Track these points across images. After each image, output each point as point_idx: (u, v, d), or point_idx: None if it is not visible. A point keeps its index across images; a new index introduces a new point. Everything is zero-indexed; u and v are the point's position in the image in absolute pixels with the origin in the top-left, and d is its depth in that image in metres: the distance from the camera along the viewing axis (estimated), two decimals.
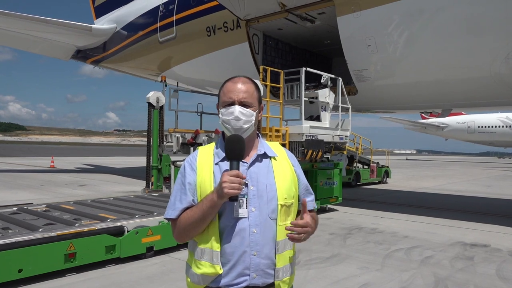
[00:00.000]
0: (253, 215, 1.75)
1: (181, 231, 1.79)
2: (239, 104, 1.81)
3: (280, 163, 1.89)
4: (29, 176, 18.09)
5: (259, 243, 1.74)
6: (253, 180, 1.79)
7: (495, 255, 6.20)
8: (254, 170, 1.82)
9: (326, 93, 9.95)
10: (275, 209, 1.78)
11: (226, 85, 1.87)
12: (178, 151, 9.98)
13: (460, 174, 28.48)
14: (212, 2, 12.18)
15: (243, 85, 1.84)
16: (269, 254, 1.76)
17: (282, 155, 1.93)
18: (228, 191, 1.63)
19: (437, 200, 13.42)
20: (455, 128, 49.17)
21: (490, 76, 8.94)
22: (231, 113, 1.80)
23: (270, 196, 1.78)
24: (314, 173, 9.55)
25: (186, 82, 15.28)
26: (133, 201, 7.78)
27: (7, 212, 6.39)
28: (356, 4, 9.30)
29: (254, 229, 1.74)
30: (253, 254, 1.73)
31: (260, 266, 1.74)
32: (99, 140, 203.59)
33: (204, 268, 1.74)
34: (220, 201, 1.67)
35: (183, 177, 1.84)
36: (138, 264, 5.33)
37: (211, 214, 1.71)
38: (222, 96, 1.85)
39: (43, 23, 16.68)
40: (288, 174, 1.88)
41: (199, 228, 1.74)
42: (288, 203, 1.83)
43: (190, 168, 1.84)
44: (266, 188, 1.79)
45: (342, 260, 5.69)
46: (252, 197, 1.76)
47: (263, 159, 1.87)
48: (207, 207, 1.69)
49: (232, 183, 1.63)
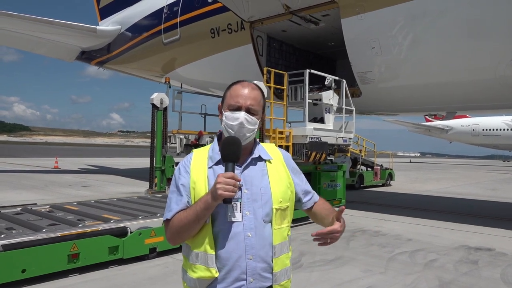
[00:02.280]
0: (247, 219, 1.73)
1: (174, 233, 1.77)
2: (246, 110, 1.79)
3: (275, 166, 1.87)
4: (33, 176, 18.15)
5: (255, 247, 1.72)
6: (247, 184, 1.77)
7: (500, 259, 6.16)
8: (248, 173, 1.80)
9: (330, 95, 9.94)
10: (269, 212, 1.77)
11: (234, 87, 1.84)
12: (182, 152, 9.98)
13: (464, 177, 28.34)
14: (216, 4, 12.20)
15: (252, 91, 1.82)
16: (265, 258, 1.74)
17: (277, 158, 1.91)
18: (222, 193, 1.61)
19: (441, 203, 13.36)
20: (460, 130, 48.94)
21: (495, 79, 8.89)
22: (236, 118, 1.78)
23: (264, 199, 1.77)
24: (317, 175, 9.54)
25: (190, 84, 15.32)
26: (136, 202, 7.78)
27: (11, 212, 6.40)
28: (360, 6, 9.28)
29: (249, 233, 1.72)
30: (249, 258, 1.71)
31: (257, 270, 1.72)
32: (103, 141, 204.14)
33: (200, 272, 1.72)
34: (214, 203, 1.65)
35: (177, 179, 1.83)
36: (141, 265, 5.33)
37: (204, 216, 1.69)
38: (229, 98, 1.83)
39: (48, 25, 16.77)
40: (283, 177, 1.86)
41: (192, 230, 1.72)
42: (283, 207, 1.81)
43: (184, 171, 1.83)
44: (260, 191, 1.77)
45: (346, 263, 5.66)
46: (246, 201, 1.75)
47: (257, 162, 1.85)
48: (201, 208, 1.67)
49: (227, 185, 1.61)
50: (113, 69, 19.83)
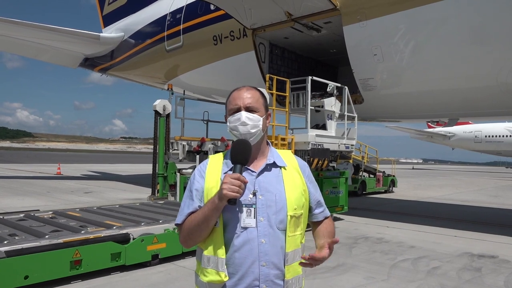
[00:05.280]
0: (261, 225, 1.74)
1: (185, 235, 1.80)
2: (245, 109, 1.83)
3: (290, 173, 1.87)
4: (36, 182, 18.20)
5: (268, 253, 1.73)
6: (262, 190, 1.78)
7: (503, 266, 6.13)
8: (263, 179, 1.81)
9: (332, 101, 9.95)
10: (283, 219, 1.77)
11: (231, 94, 1.91)
12: (184, 158, 10.01)
13: (467, 183, 28.24)
14: (218, 11, 12.28)
15: (248, 91, 1.87)
16: (278, 265, 1.75)
17: (292, 165, 1.91)
18: (227, 193, 1.62)
19: (444, 210, 13.31)
20: (462, 137, 48.86)
21: (496, 86, 8.90)
22: (237, 119, 1.82)
23: (279, 206, 1.77)
24: (320, 182, 9.52)
25: (193, 90, 15.37)
26: (138, 209, 7.80)
27: (14, 218, 6.43)
28: (362, 14, 9.33)
29: (263, 239, 1.73)
30: (262, 264, 1.72)
31: (270, 277, 1.73)
32: (106, 147, 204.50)
33: (210, 276, 1.73)
34: (220, 203, 1.67)
35: (191, 184, 1.87)
36: (143, 272, 5.33)
37: (212, 217, 1.70)
38: (229, 105, 1.89)
39: (52, 32, 16.90)
40: (298, 184, 1.86)
41: (202, 231, 1.74)
42: (297, 214, 1.81)
43: (199, 175, 1.86)
44: (275, 198, 1.78)
45: (348, 270, 5.65)
46: (261, 207, 1.75)
47: (272, 168, 1.86)
48: (209, 209, 1.70)
49: (232, 185, 1.63)
50: (116, 75, 19.93)
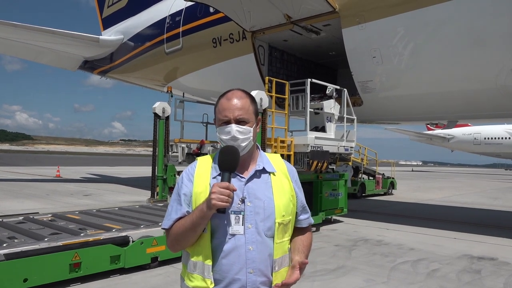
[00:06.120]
0: (249, 232, 1.72)
1: (173, 240, 1.79)
2: (235, 122, 1.78)
3: (279, 179, 1.85)
4: (35, 185, 18.17)
5: (256, 260, 1.71)
6: (250, 196, 1.76)
7: (503, 268, 6.13)
8: (252, 185, 1.79)
9: (331, 104, 9.96)
10: (271, 226, 1.75)
11: (220, 102, 1.83)
12: (184, 161, 10.01)
13: (467, 186, 28.25)
14: (218, 14, 12.29)
15: (238, 101, 1.79)
16: (265, 272, 1.74)
17: (281, 170, 1.89)
18: (216, 203, 1.60)
19: (444, 212, 13.31)
20: (461, 139, 48.91)
21: (495, 88, 8.92)
22: (228, 132, 1.77)
23: (267, 213, 1.75)
24: (319, 184, 9.52)
25: (192, 93, 15.37)
26: (138, 211, 7.79)
27: (13, 221, 6.42)
28: (361, 16, 9.35)
29: (250, 246, 1.71)
30: (250, 271, 1.70)
31: (257, 284, 1.71)
32: (105, 150, 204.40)
33: (196, 282, 1.73)
34: (209, 212, 1.65)
35: (179, 188, 1.83)
36: (142, 275, 5.32)
37: (200, 224, 1.69)
38: (218, 113, 1.83)
39: (51, 34, 16.90)
40: (287, 190, 1.84)
41: (189, 238, 1.73)
42: (285, 221, 1.80)
43: (187, 179, 1.83)
44: (263, 205, 1.76)
45: (348, 272, 5.64)
46: (249, 214, 1.73)
47: (261, 174, 1.83)
48: (197, 217, 1.68)
49: (221, 195, 1.61)
50: (115, 78, 19.94)
